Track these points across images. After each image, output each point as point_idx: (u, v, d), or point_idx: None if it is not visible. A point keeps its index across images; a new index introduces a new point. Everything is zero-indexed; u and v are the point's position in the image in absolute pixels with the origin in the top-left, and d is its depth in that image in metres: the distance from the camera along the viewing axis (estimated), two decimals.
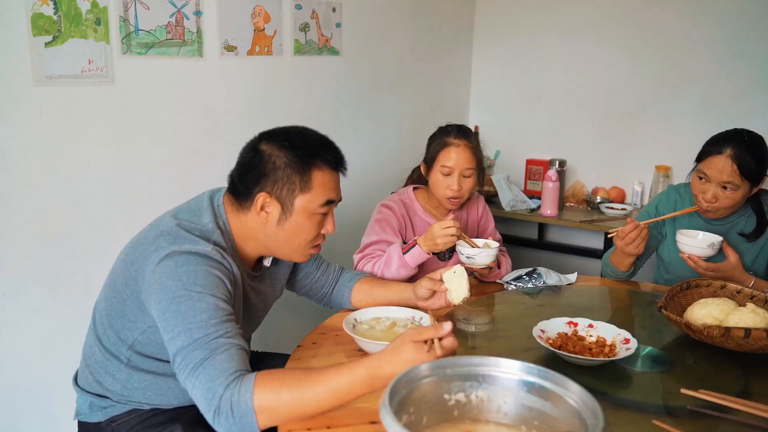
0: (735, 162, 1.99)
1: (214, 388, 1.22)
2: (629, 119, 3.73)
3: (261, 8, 2.60)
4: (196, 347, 1.27)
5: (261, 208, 1.49)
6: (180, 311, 1.31)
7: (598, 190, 3.81)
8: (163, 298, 1.33)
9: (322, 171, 1.51)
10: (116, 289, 1.48)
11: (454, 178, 2.14)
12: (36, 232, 2.00)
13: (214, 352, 1.26)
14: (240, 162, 1.55)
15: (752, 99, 3.36)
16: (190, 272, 1.35)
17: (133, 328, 1.47)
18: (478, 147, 2.20)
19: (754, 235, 2.13)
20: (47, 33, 1.92)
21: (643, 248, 2.08)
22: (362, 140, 3.30)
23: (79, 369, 1.64)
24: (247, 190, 1.50)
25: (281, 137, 1.52)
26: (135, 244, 1.49)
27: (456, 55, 4.04)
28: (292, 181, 1.48)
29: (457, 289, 1.75)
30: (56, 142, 2.01)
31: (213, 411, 1.21)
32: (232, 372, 1.24)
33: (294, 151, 1.49)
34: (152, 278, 1.36)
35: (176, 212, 1.51)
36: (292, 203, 1.49)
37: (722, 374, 1.57)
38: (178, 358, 1.28)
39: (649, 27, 3.59)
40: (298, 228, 1.51)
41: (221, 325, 1.31)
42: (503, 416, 1.13)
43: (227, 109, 2.54)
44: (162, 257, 1.37)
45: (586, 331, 1.68)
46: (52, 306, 2.07)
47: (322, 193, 1.51)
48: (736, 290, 1.87)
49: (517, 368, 1.11)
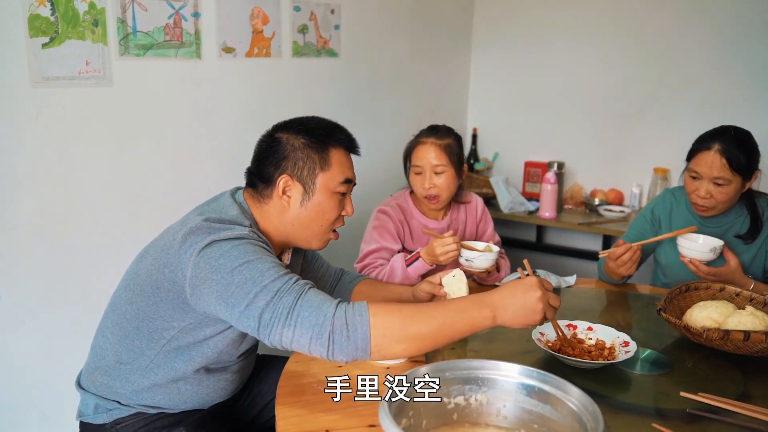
0: (724, 156, 2.01)
1: (324, 311, 1.24)
2: (627, 122, 3.73)
3: (259, 10, 2.59)
4: (282, 295, 1.27)
5: (283, 191, 1.52)
6: (247, 277, 1.30)
7: (596, 192, 3.81)
8: (221, 276, 1.32)
9: (338, 150, 1.57)
10: (145, 293, 1.47)
11: (426, 177, 2.15)
12: (33, 234, 1.99)
13: (304, 291, 1.28)
14: (257, 152, 1.59)
15: (750, 102, 3.36)
16: (239, 248, 1.36)
17: (169, 327, 1.46)
18: (452, 144, 2.19)
19: (750, 236, 2.13)
20: (44, 34, 1.91)
21: (635, 270, 2.10)
22: (360, 142, 3.25)
23: (85, 371, 1.62)
24: (268, 176, 1.53)
25: (295, 123, 1.57)
26: (163, 247, 1.46)
27: (455, 58, 4.04)
28: (312, 159, 1.52)
29: (456, 293, 1.74)
30: (53, 143, 2.00)
31: (327, 332, 1.22)
32: (336, 300, 1.27)
33: (310, 133, 1.54)
34: (197, 268, 1.35)
35: (200, 211, 1.51)
36: (313, 182, 1.53)
37: (721, 377, 1.56)
38: (265, 315, 1.27)
39: (646, 30, 3.59)
40: (320, 207, 1.55)
41: (291, 276, 1.32)
42: (503, 419, 1.13)
43: (225, 111, 2.54)
44: (202, 247, 1.36)
45: (585, 333, 1.68)
46: (49, 307, 2.06)
47: (341, 171, 1.56)
48: (735, 293, 1.87)
49: (516, 371, 1.11)
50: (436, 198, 2.17)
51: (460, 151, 2.22)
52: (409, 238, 2.23)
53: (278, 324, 1.26)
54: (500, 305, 1.30)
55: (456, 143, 2.21)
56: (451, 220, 2.30)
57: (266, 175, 1.53)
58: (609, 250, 2.11)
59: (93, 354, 1.60)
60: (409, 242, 2.23)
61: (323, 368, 1.58)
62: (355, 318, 1.23)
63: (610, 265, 2.10)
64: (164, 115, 2.31)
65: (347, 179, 1.58)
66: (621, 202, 3.77)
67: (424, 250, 2.00)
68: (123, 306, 1.53)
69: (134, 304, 1.50)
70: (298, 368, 1.58)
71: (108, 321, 1.58)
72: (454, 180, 2.19)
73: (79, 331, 2.01)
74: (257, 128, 1.46)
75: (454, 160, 2.18)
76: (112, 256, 2.19)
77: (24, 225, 1.96)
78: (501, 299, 1.30)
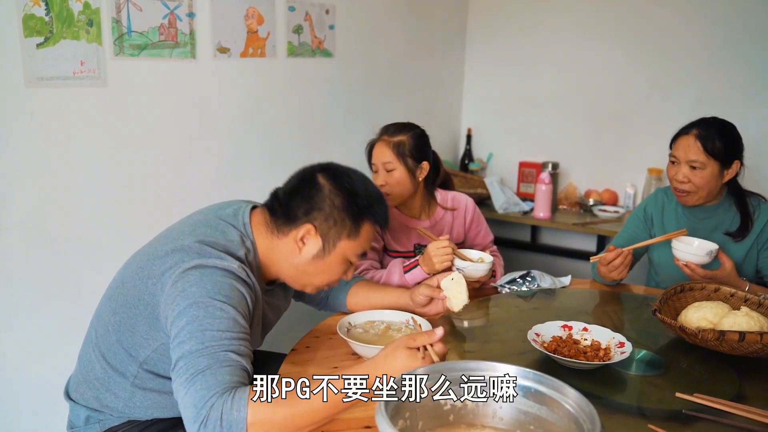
0: (699, 140, 2.09)
1: (207, 396, 1.17)
2: (622, 122, 3.74)
3: (254, 10, 2.59)
4: (202, 354, 1.23)
5: (301, 238, 1.47)
6: (198, 316, 1.27)
7: (590, 192, 3.82)
8: (182, 303, 1.30)
9: (371, 224, 1.53)
10: (128, 303, 1.44)
11: (379, 175, 2.17)
12: (26, 235, 1.98)
13: (220, 363, 1.22)
14: (294, 184, 1.52)
15: (745, 102, 3.37)
16: (216, 282, 1.33)
17: (145, 345, 1.43)
18: (403, 141, 2.18)
19: (740, 233, 2.15)
20: (39, 34, 1.90)
21: (626, 274, 2.12)
22: (355, 142, 3.29)
23: (73, 382, 1.59)
24: (294, 217, 1.48)
25: (343, 176, 1.51)
26: (149, 257, 1.44)
27: (449, 58, 4.04)
28: (344, 224, 1.48)
29: (456, 296, 1.74)
30: (48, 144, 1.99)
31: (200, 421, 1.15)
32: (230, 384, 1.20)
33: (352, 197, 1.48)
34: (173, 288, 1.33)
35: (194, 226, 1.46)
36: (334, 245, 1.49)
37: (717, 378, 1.57)
38: (181, 362, 1.23)
39: (641, 30, 3.60)
40: (329, 268, 1.52)
41: (235, 340, 1.28)
42: (499, 421, 1.13)
43: (220, 111, 2.53)
44: (186, 268, 1.34)
45: (581, 334, 1.68)
46: (42, 309, 2.05)
47: (364, 245, 1.53)
48: (730, 293, 1.88)
49: (512, 372, 1.11)
50: (389, 195, 2.17)
51: (417, 148, 2.20)
52: (389, 236, 2.24)
53: (183, 376, 1.21)
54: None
55: (412, 140, 2.19)
56: (435, 222, 2.29)
57: (292, 214, 1.48)
58: (600, 255, 2.12)
59: (80, 365, 1.57)
60: (389, 240, 2.23)
61: (319, 368, 1.58)
62: (231, 415, 1.15)
63: (602, 270, 2.11)
64: (159, 115, 2.30)
65: (364, 252, 1.56)
66: (615, 202, 3.78)
67: (421, 258, 2.00)
68: (107, 316, 1.50)
69: (117, 314, 1.47)
70: (294, 369, 1.58)
71: (92, 332, 1.55)
72: (406, 177, 2.18)
73: (71, 335, 2.00)
74: (252, 128, 1.47)
75: (405, 158, 2.17)
76: (105, 258, 2.18)
77: (16, 226, 1.95)
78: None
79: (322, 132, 3.05)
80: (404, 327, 1.75)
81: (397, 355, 1.24)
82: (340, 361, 1.63)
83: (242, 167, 2.63)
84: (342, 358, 1.64)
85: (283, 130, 2.83)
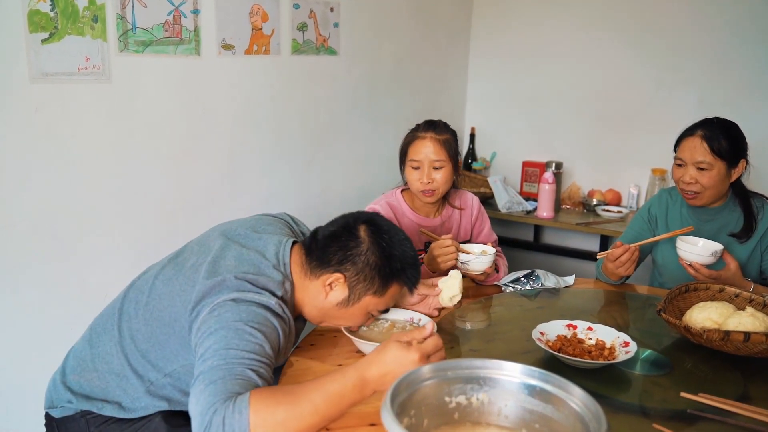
0: (705, 140, 2.08)
1: (212, 402, 1.18)
2: (626, 122, 3.73)
3: (259, 7, 2.59)
4: (221, 368, 1.23)
5: (329, 283, 1.50)
6: (226, 336, 1.28)
7: (594, 192, 3.81)
8: (214, 325, 1.31)
9: (399, 287, 1.55)
10: (163, 319, 1.46)
11: (424, 171, 2.15)
12: (30, 230, 1.98)
13: (234, 377, 1.22)
14: (332, 232, 1.53)
15: (749, 103, 3.37)
16: (251, 311, 1.34)
17: (174, 360, 1.46)
18: (449, 139, 2.19)
19: (744, 234, 2.15)
20: (44, 30, 1.90)
21: (633, 270, 2.11)
22: (359, 140, 3.29)
23: (78, 368, 1.56)
24: (326, 262, 1.50)
25: (383, 235, 1.52)
26: (187, 280, 1.46)
27: (453, 57, 4.03)
28: (374, 282, 1.50)
29: (448, 290, 1.77)
30: (52, 140, 1.99)
31: (204, 427, 1.16)
32: (237, 393, 1.20)
33: (388, 259, 1.50)
34: (209, 315, 1.35)
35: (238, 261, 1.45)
36: (359, 298, 1.51)
37: (721, 378, 1.56)
38: (200, 377, 1.23)
39: (646, 30, 3.59)
40: (350, 317, 1.56)
41: (257, 362, 1.28)
42: (504, 419, 1.12)
43: (224, 108, 2.53)
44: (224, 300, 1.36)
45: (585, 333, 1.68)
46: (45, 306, 2.05)
47: (388, 302, 1.57)
48: (735, 294, 1.87)
49: (518, 371, 1.11)
50: (432, 192, 2.17)
51: (456, 147, 2.23)
52: None
53: (195, 390, 1.22)
54: (380, 382, 1.25)
55: (453, 139, 2.22)
56: (444, 219, 2.29)
57: (327, 259, 1.50)
58: (607, 251, 2.12)
59: (94, 352, 1.55)
60: None
61: (323, 367, 1.57)
62: (233, 419, 1.15)
63: (609, 266, 2.11)
64: (163, 111, 2.30)
65: (386, 309, 1.60)
66: (618, 202, 3.77)
67: (425, 258, 1.99)
68: (138, 323, 1.51)
69: (150, 325, 1.49)
70: (298, 366, 1.58)
71: (114, 328, 1.54)
72: (451, 175, 2.20)
73: (73, 332, 1.99)
74: (256, 126, 1.46)
75: (452, 156, 2.18)
76: (109, 255, 2.18)
77: (20, 222, 1.95)
78: (381, 377, 1.24)
79: (325, 129, 3.05)
80: (408, 325, 1.74)
81: (388, 348, 1.26)
82: (344, 359, 1.62)
83: (246, 164, 2.63)
84: (346, 356, 1.64)
85: (287, 128, 2.83)
